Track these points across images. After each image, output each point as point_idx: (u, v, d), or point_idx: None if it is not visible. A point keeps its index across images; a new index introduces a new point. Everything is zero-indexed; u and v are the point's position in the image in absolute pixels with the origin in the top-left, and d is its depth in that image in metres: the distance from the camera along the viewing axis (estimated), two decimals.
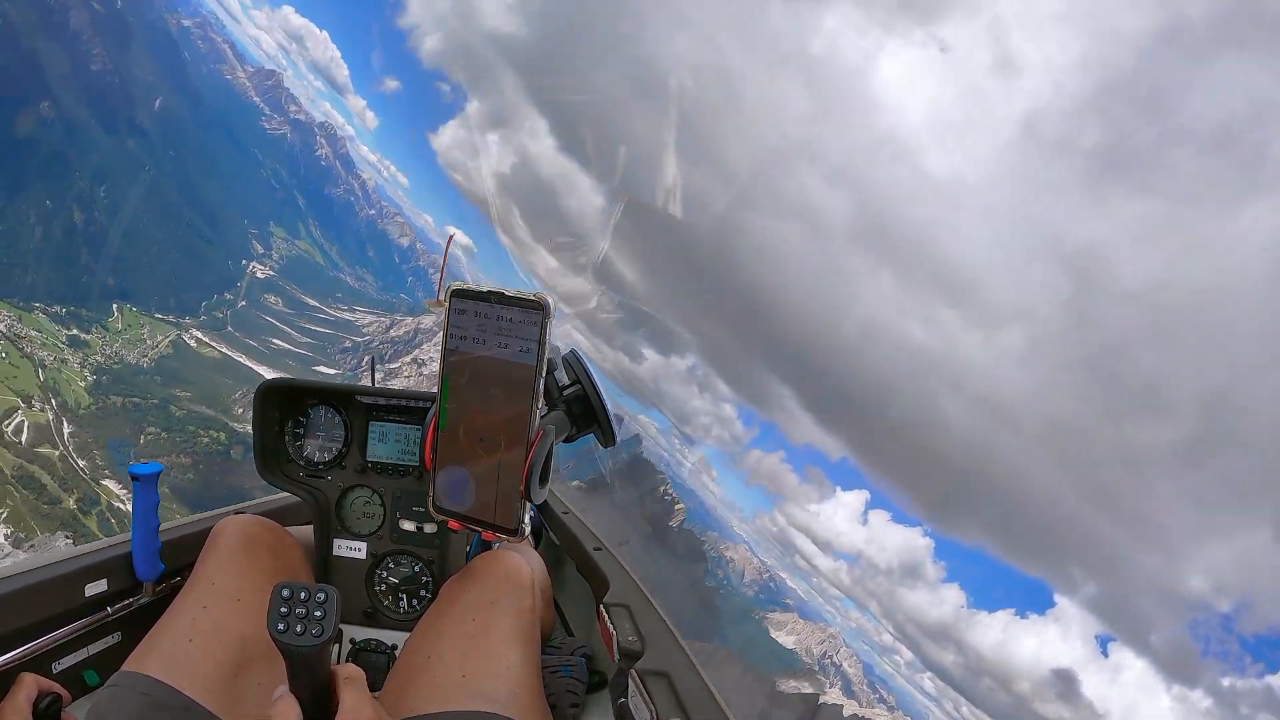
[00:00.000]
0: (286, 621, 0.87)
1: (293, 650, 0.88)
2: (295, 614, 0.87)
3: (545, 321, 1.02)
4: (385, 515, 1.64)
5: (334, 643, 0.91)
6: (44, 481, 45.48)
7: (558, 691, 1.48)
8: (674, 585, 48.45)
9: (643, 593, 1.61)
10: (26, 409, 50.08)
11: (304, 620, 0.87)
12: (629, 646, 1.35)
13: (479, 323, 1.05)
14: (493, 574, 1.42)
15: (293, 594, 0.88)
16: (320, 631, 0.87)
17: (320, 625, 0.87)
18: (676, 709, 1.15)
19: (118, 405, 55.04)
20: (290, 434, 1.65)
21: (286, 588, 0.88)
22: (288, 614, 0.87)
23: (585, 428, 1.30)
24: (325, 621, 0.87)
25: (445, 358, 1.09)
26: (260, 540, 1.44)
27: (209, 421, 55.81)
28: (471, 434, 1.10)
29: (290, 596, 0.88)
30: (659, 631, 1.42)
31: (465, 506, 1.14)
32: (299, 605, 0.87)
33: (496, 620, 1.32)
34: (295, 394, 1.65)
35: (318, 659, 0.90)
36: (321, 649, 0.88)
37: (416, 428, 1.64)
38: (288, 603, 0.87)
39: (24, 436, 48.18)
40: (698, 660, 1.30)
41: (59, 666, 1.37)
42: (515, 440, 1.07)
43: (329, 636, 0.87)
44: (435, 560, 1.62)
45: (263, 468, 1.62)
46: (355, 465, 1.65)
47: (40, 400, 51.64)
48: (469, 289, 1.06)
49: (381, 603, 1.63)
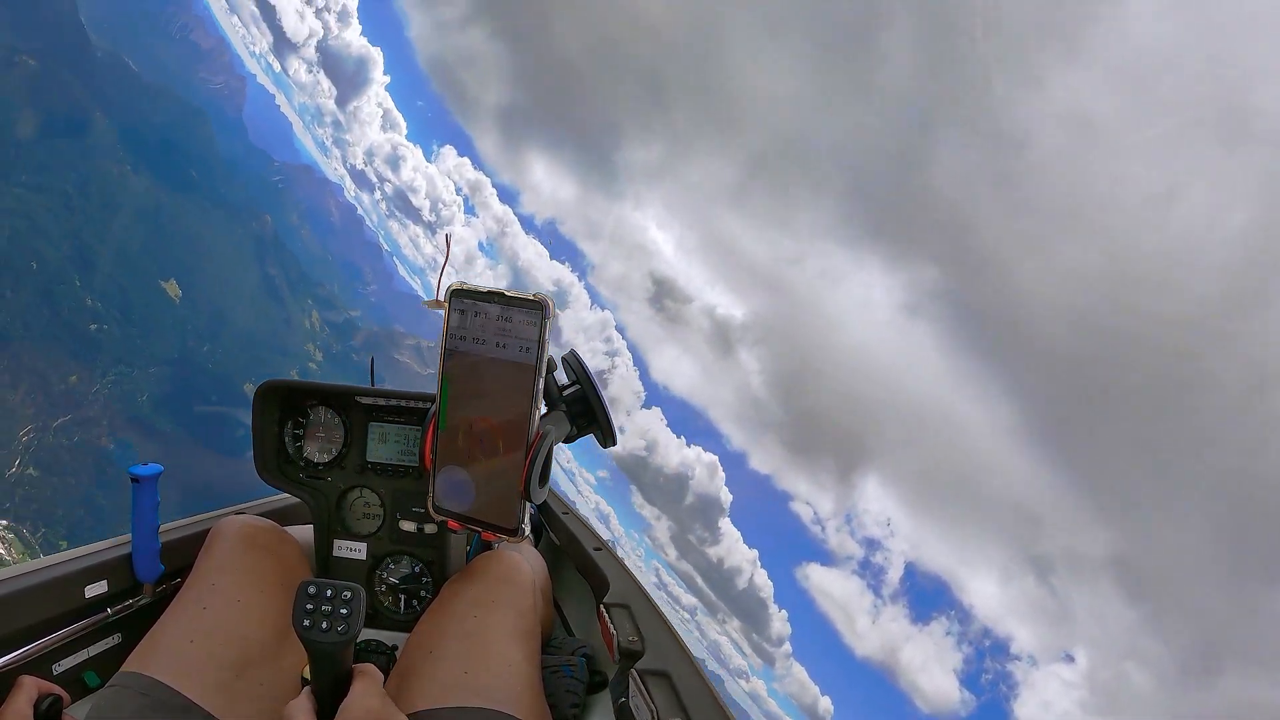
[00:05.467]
0: (311, 618, 0.88)
1: (317, 647, 0.89)
2: (321, 611, 0.88)
3: (545, 321, 1.02)
4: (385, 516, 1.64)
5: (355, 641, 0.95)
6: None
7: (558, 691, 1.48)
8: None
9: (643, 593, 1.60)
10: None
11: (329, 617, 0.88)
12: (629, 646, 1.35)
13: (479, 323, 1.05)
14: (493, 574, 1.43)
15: (319, 591, 0.89)
16: (345, 629, 0.88)
17: (345, 623, 0.88)
18: (677, 709, 1.15)
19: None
20: (290, 434, 1.65)
21: (313, 585, 0.90)
22: (313, 610, 0.88)
23: (585, 428, 1.30)
24: (350, 619, 0.89)
25: (445, 358, 1.08)
26: (259, 541, 1.44)
27: None
28: (471, 435, 1.10)
29: (316, 594, 0.89)
30: (659, 631, 1.42)
31: (465, 507, 1.14)
32: (325, 603, 0.89)
33: (497, 619, 1.32)
34: (295, 394, 1.64)
35: (340, 656, 0.91)
36: (344, 646, 0.90)
37: (416, 428, 1.64)
38: (313, 600, 0.89)
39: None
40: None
41: (59, 668, 1.36)
42: (515, 441, 1.07)
43: (354, 634, 0.89)
44: (435, 561, 1.62)
45: (262, 468, 1.62)
46: (355, 466, 1.64)
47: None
48: (469, 289, 1.05)
49: (382, 603, 1.63)
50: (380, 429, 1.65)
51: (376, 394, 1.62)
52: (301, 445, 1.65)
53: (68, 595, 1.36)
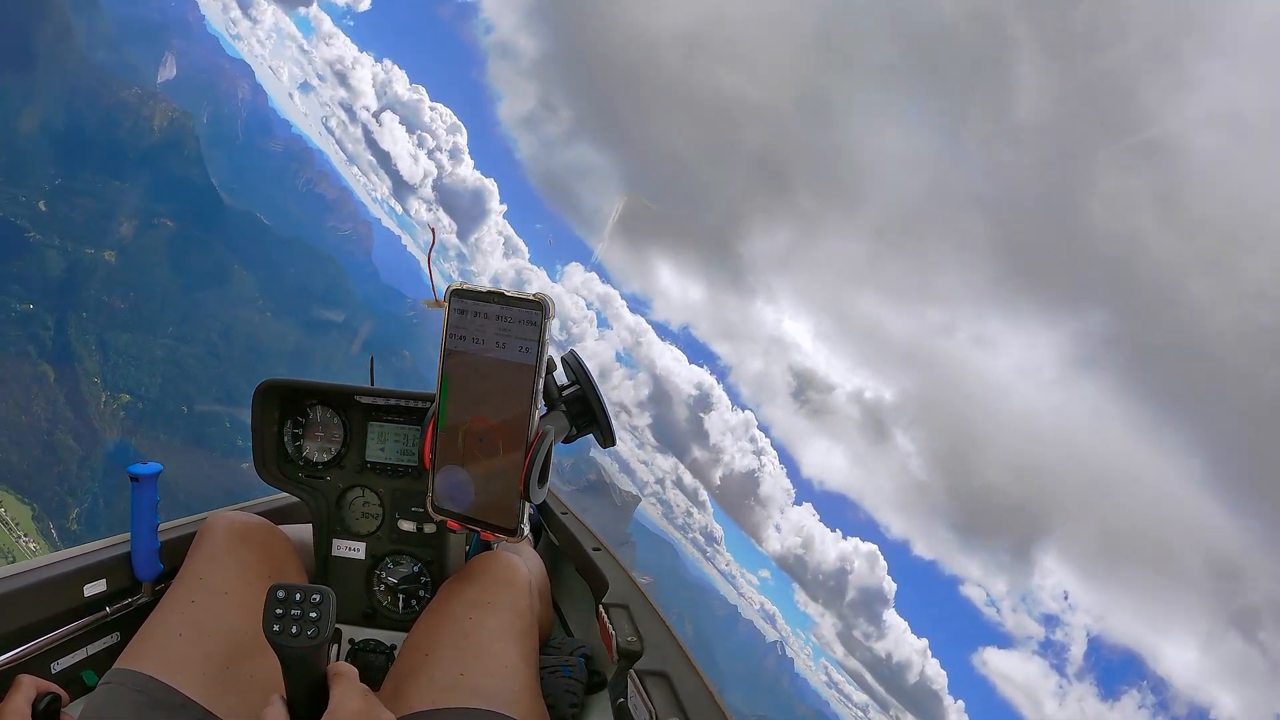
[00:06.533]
0: (281, 623, 0.86)
1: (287, 651, 0.87)
2: (291, 615, 0.86)
3: (545, 321, 1.02)
4: (384, 516, 1.63)
5: (333, 644, 0.93)
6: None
7: (557, 692, 1.48)
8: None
9: (642, 593, 1.61)
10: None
11: (299, 621, 0.86)
12: (628, 647, 1.35)
13: (478, 323, 1.05)
14: (491, 574, 1.43)
15: (288, 595, 0.87)
16: (316, 632, 0.86)
17: (316, 626, 0.86)
18: (675, 709, 1.15)
19: None
20: (289, 434, 1.65)
21: (282, 589, 0.87)
22: (283, 615, 0.86)
23: (585, 428, 1.30)
24: (321, 623, 0.86)
25: (444, 358, 1.09)
26: (249, 536, 1.44)
27: None
28: (471, 434, 1.10)
29: (285, 598, 0.87)
30: (658, 632, 1.42)
31: (464, 507, 1.14)
32: (294, 606, 0.87)
33: (494, 620, 1.32)
34: (294, 394, 1.64)
35: (313, 659, 0.89)
36: (316, 650, 0.87)
37: (415, 428, 1.64)
38: (283, 604, 0.87)
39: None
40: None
41: (58, 667, 1.36)
42: (514, 441, 1.07)
43: (325, 638, 0.87)
44: (434, 561, 1.62)
45: (261, 468, 1.62)
46: (354, 465, 1.64)
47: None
48: (469, 289, 1.06)
49: (381, 603, 1.63)
50: (380, 429, 1.65)
51: (376, 394, 1.62)
52: (301, 445, 1.65)
53: (66, 594, 1.36)
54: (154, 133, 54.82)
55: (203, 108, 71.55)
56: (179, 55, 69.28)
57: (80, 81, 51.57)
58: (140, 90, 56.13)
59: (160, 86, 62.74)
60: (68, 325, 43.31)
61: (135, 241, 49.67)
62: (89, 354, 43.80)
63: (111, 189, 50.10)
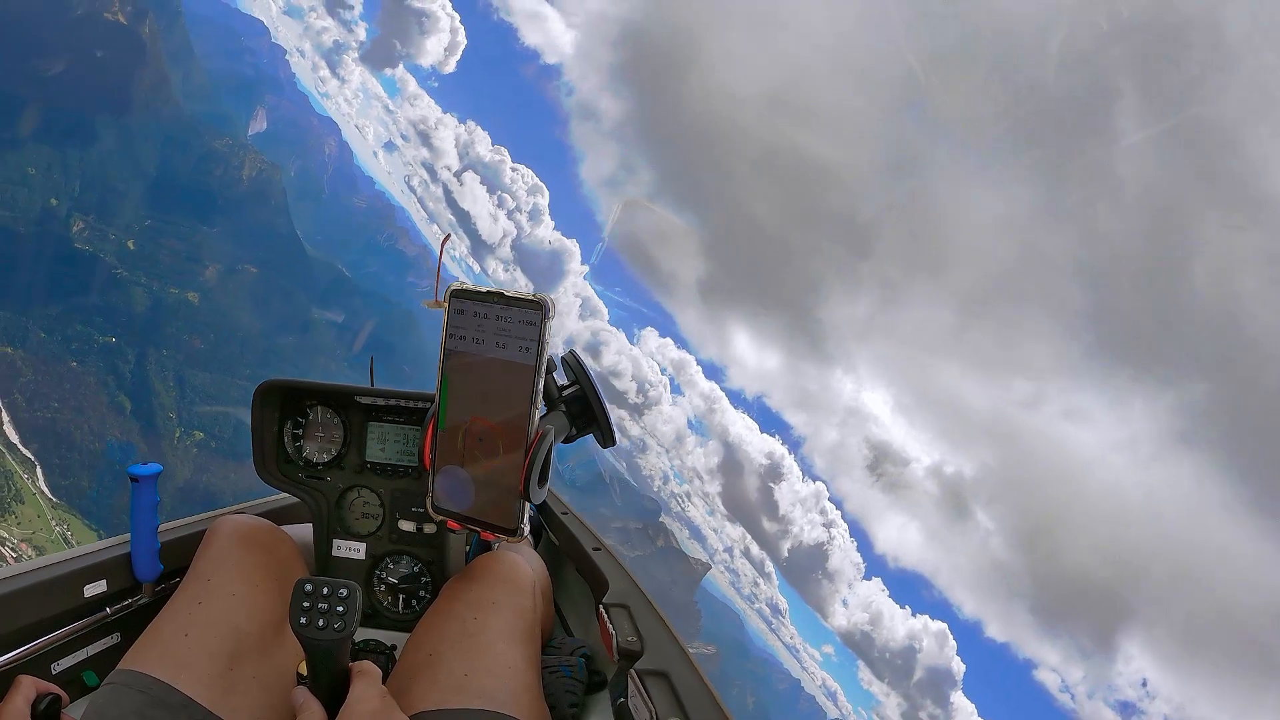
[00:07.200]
0: (308, 615, 0.89)
1: (314, 644, 0.90)
2: (318, 608, 0.89)
3: (545, 322, 1.03)
4: (384, 516, 1.63)
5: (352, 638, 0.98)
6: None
7: (557, 691, 1.47)
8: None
9: (642, 593, 1.59)
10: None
11: (326, 615, 0.89)
12: (628, 646, 1.35)
13: (478, 323, 1.06)
14: (492, 574, 1.43)
15: (315, 589, 0.90)
16: (342, 626, 0.89)
17: (342, 620, 0.89)
18: (676, 709, 1.15)
19: None
20: (289, 434, 1.65)
21: (309, 583, 0.91)
22: (309, 608, 0.89)
23: (584, 428, 1.31)
24: (347, 617, 0.90)
25: (444, 358, 1.09)
26: (256, 538, 1.45)
27: None
28: (471, 434, 1.10)
29: (312, 591, 0.90)
30: (658, 632, 1.41)
31: (464, 507, 1.14)
32: (321, 600, 0.89)
33: (496, 620, 1.32)
34: (294, 394, 1.65)
35: (338, 653, 0.92)
36: (341, 643, 0.90)
37: (415, 428, 1.64)
38: (310, 597, 0.90)
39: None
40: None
41: (58, 667, 1.37)
42: (514, 441, 1.08)
43: (350, 631, 0.90)
44: (435, 561, 1.62)
45: (261, 468, 1.62)
46: (354, 466, 1.65)
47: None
48: (469, 289, 1.06)
49: (381, 603, 1.63)
50: (379, 429, 1.65)
51: (376, 394, 1.62)
52: (301, 445, 1.65)
53: (67, 595, 1.36)
54: (242, 182, 56.79)
55: (290, 161, 73.73)
56: (270, 110, 72.05)
57: (175, 129, 53.83)
58: (231, 141, 58.26)
59: (251, 138, 65.10)
60: (148, 360, 44.68)
61: (219, 285, 51.43)
62: (166, 389, 45.05)
63: (199, 233, 52.21)
